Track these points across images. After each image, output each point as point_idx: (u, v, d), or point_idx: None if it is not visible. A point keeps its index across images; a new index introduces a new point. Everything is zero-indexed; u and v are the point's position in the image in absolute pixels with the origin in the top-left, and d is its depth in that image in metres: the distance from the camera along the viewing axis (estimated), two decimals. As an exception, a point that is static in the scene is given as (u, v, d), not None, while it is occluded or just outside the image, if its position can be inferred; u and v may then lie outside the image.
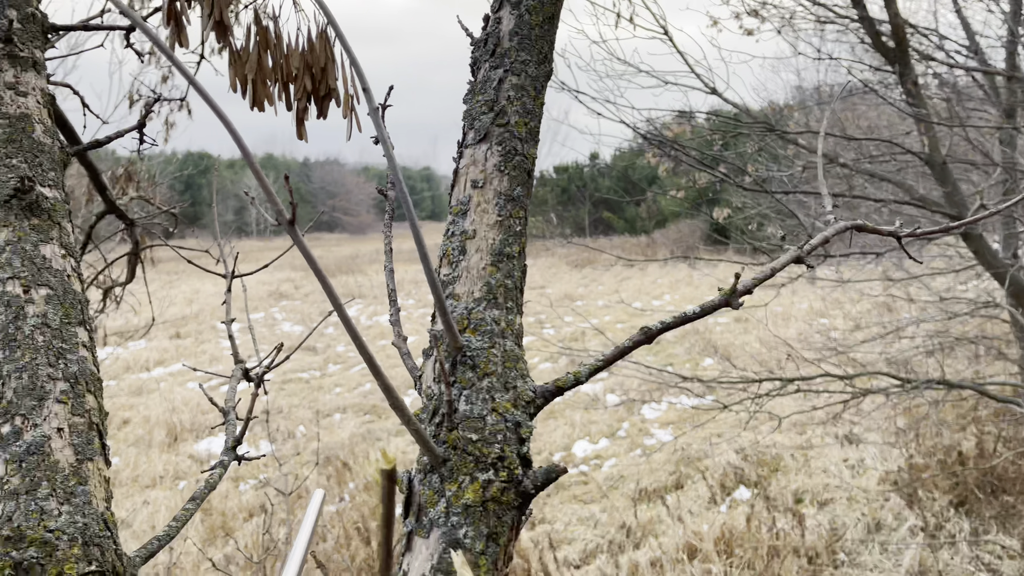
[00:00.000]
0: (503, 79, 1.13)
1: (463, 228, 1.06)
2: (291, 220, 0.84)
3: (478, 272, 1.02)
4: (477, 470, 0.89)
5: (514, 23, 1.18)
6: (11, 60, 1.38)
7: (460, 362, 0.95)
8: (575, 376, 0.98)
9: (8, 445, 1.03)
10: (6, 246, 1.18)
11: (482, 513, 0.87)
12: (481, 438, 0.90)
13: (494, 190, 1.07)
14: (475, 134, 1.11)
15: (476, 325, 0.98)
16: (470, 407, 0.93)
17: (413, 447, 10.80)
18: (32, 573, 0.95)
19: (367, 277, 27.21)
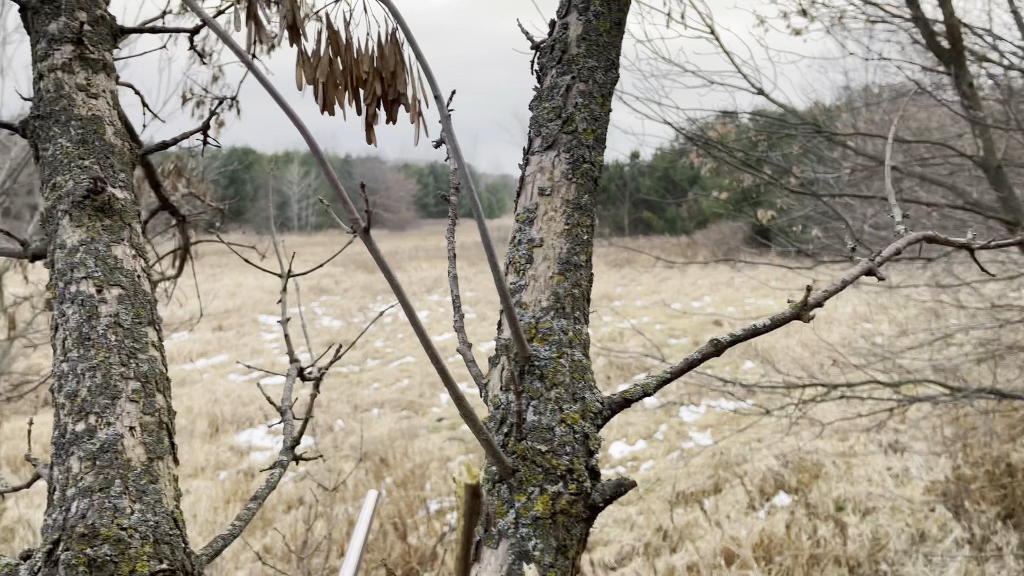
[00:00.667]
0: (571, 86, 1.12)
1: (530, 236, 1.05)
2: (366, 228, 0.85)
3: (545, 281, 1.01)
4: (546, 482, 0.88)
5: (582, 29, 1.17)
6: (82, 62, 1.41)
7: (528, 371, 0.95)
8: (643, 388, 0.97)
9: (82, 442, 1.05)
10: (80, 246, 1.21)
11: (551, 525, 0.86)
12: (550, 449, 0.90)
13: (562, 198, 1.06)
14: (542, 141, 1.11)
15: (544, 335, 0.98)
16: (538, 418, 0.92)
17: (449, 444, 10.84)
18: (105, 570, 0.97)
19: (405, 274, 27.40)
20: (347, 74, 1.11)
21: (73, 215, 1.23)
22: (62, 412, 1.09)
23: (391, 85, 1.13)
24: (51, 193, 1.27)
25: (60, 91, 1.36)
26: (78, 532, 0.98)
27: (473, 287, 24.39)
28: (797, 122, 7.94)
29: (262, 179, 45.83)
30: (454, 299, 1.11)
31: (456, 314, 1.10)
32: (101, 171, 1.29)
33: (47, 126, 1.33)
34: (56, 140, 1.31)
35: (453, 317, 1.10)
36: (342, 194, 0.86)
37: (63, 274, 1.18)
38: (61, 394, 1.10)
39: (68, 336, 1.13)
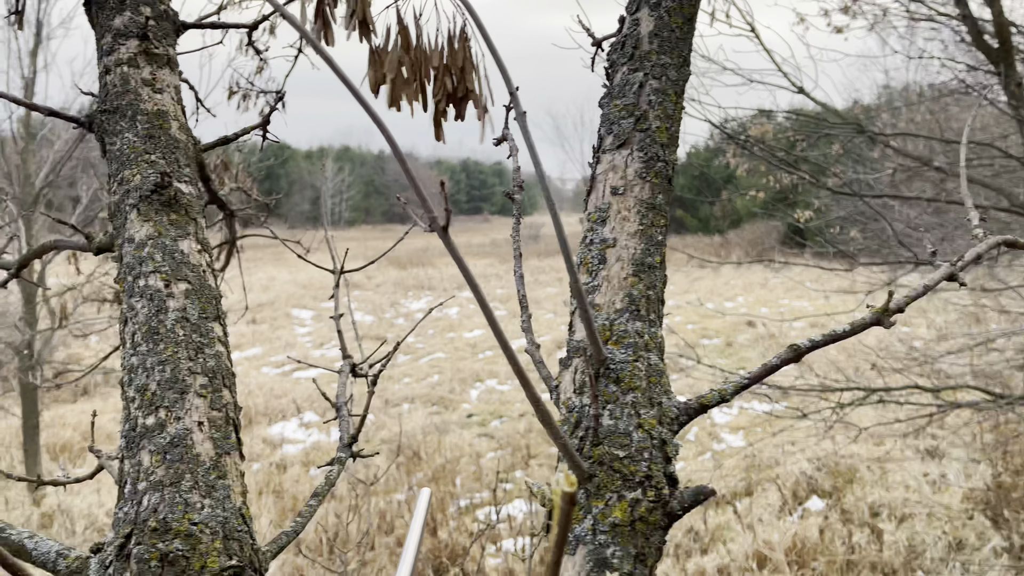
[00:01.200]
0: (643, 83, 1.10)
1: (603, 236, 1.03)
2: (444, 226, 0.84)
3: (619, 282, 0.99)
4: (624, 488, 0.86)
5: (653, 25, 1.15)
6: (147, 57, 1.42)
7: (603, 375, 0.93)
8: (719, 393, 0.95)
9: (153, 436, 1.05)
10: (147, 240, 1.21)
11: (630, 533, 0.84)
12: (628, 455, 0.88)
13: (635, 197, 1.04)
14: (614, 139, 1.09)
15: (619, 337, 0.96)
16: (615, 422, 0.90)
17: (479, 440, 10.84)
18: (177, 566, 0.97)
19: (437, 270, 27.48)
20: (416, 70, 1.10)
21: (141, 209, 1.24)
22: (132, 405, 1.09)
23: (460, 81, 1.12)
24: (119, 187, 1.28)
25: (126, 86, 1.37)
26: (150, 526, 0.99)
27: (504, 284, 24.38)
28: (838, 121, 7.82)
29: (296, 175, 46.25)
30: (521, 299, 1.10)
31: (524, 314, 1.08)
32: (167, 166, 1.30)
33: (114, 120, 1.34)
34: (123, 135, 1.32)
35: (521, 317, 1.08)
36: (420, 192, 0.85)
37: (132, 268, 1.19)
38: (131, 387, 1.10)
39: (137, 330, 1.14)
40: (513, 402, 12.75)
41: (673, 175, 1.09)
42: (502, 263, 29.46)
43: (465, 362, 14.90)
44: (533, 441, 10.77)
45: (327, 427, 11.58)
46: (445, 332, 17.49)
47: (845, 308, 12.66)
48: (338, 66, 0.88)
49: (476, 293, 0.84)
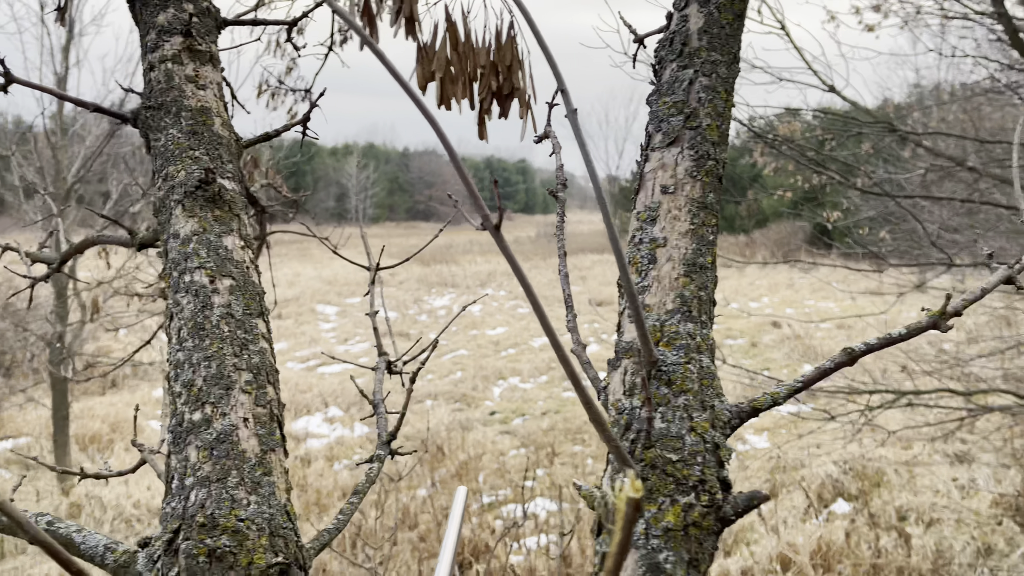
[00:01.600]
0: (693, 80, 1.09)
1: (652, 235, 1.02)
2: (497, 225, 0.83)
3: (670, 282, 0.98)
4: (678, 492, 0.85)
5: (703, 21, 1.13)
6: (191, 54, 1.42)
7: (654, 377, 0.92)
8: (772, 397, 0.93)
9: (199, 432, 1.06)
10: (192, 236, 1.21)
11: (683, 538, 0.83)
12: (681, 459, 0.87)
13: (686, 196, 1.02)
14: (664, 137, 1.07)
15: (670, 339, 0.94)
16: (667, 425, 0.89)
17: (501, 437, 10.83)
18: (225, 561, 0.97)
19: (460, 267, 27.52)
20: (464, 68, 1.09)
21: (186, 205, 1.24)
22: (179, 401, 1.09)
23: (506, 79, 1.11)
24: (163, 183, 1.28)
25: (170, 82, 1.37)
26: (198, 522, 0.99)
27: (527, 281, 24.28)
28: (868, 120, 7.73)
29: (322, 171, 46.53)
30: (566, 298, 1.09)
31: (568, 314, 1.07)
32: (211, 162, 1.30)
33: (158, 117, 1.34)
34: (167, 131, 1.33)
35: (566, 316, 1.07)
36: (473, 191, 0.84)
37: (177, 264, 1.19)
38: (178, 382, 1.10)
39: (183, 326, 1.14)
40: (535, 400, 12.75)
41: (723, 174, 1.07)
42: (525, 260, 29.41)
43: (488, 359, 14.91)
44: (555, 440, 10.75)
45: (351, 422, 11.64)
46: (468, 329, 17.51)
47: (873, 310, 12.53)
48: (392, 65, 0.87)
49: (529, 294, 0.83)
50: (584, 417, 11.66)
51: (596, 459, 9.96)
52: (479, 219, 0.76)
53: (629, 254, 1.03)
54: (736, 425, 0.92)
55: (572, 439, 10.83)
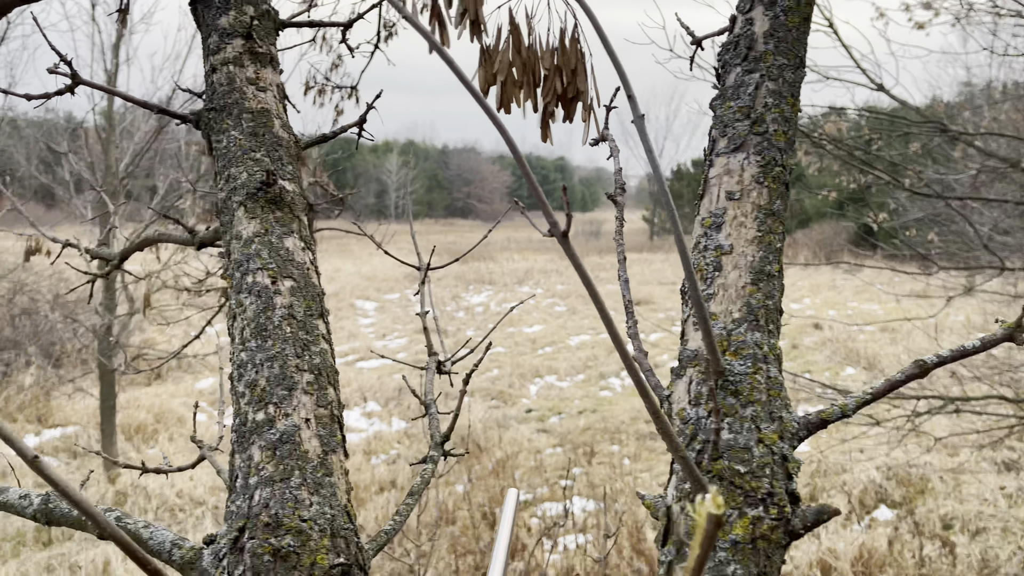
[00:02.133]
0: (759, 84, 1.07)
1: (718, 242, 1.01)
2: (565, 232, 0.82)
3: (737, 291, 0.97)
4: (746, 505, 0.84)
5: (769, 24, 1.11)
6: (252, 56, 1.44)
7: (721, 387, 0.90)
8: (841, 408, 0.92)
9: (263, 432, 1.07)
10: (254, 238, 1.23)
11: (751, 551, 0.82)
12: (749, 471, 0.85)
13: (752, 203, 1.01)
14: (729, 142, 1.06)
15: (737, 348, 0.93)
16: (734, 436, 0.88)
17: (537, 435, 10.82)
18: (289, 561, 0.98)
19: (497, 264, 27.57)
20: (527, 71, 1.09)
21: (247, 206, 1.26)
22: (242, 400, 1.11)
23: (571, 82, 1.10)
24: (225, 184, 1.30)
25: (232, 84, 1.39)
26: (262, 521, 1.00)
27: (564, 280, 24.32)
28: (918, 120, 7.57)
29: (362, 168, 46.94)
30: (626, 304, 1.08)
31: (629, 319, 1.06)
32: (271, 164, 1.32)
33: (220, 119, 1.36)
34: (229, 132, 1.34)
35: (627, 322, 1.07)
36: (540, 196, 0.84)
37: (240, 264, 1.21)
38: (241, 382, 1.12)
39: (246, 326, 1.15)
40: (572, 399, 12.72)
41: (791, 180, 1.05)
42: (562, 259, 29.33)
43: (524, 357, 14.91)
44: (593, 439, 10.72)
45: (389, 416, 11.73)
46: (505, 327, 17.54)
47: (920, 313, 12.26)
48: (459, 68, 0.87)
49: (595, 300, 0.82)
50: (621, 417, 11.61)
51: (633, 460, 9.91)
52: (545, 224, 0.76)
53: (693, 260, 1.02)
54: (804, 436, 0.91)
55: (610, 439, 10.79)
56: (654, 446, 10.44)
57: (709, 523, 0.64)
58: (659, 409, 0.82)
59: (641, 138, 0.95)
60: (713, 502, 0.64)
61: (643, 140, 0.95)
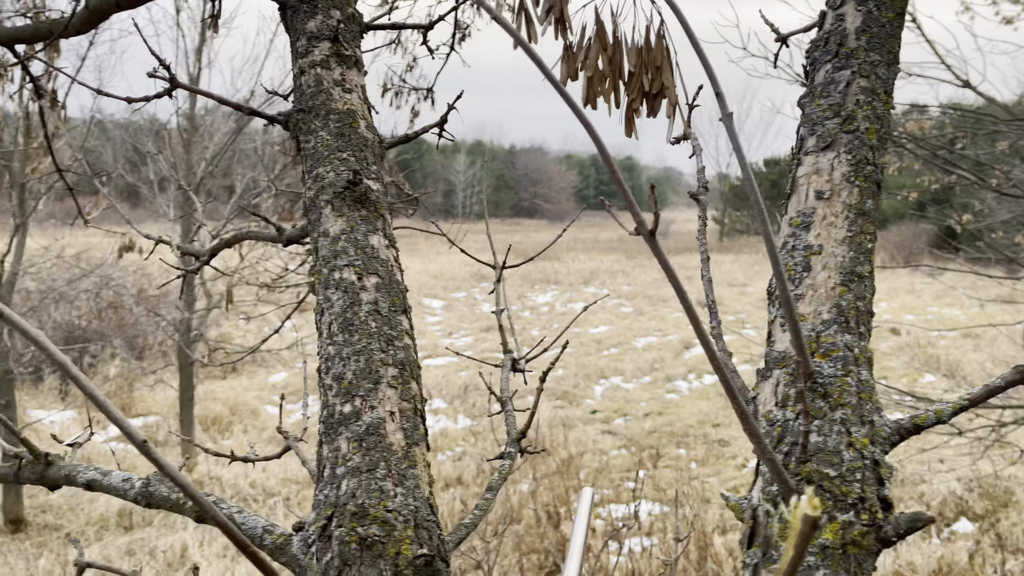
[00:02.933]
0: (850, 82, 1.05)
1: (807, 242, 0.99)
2: (652, 231, 0.82)
3: (826, 292, 0.95)
4: (836, 509, 0.83)
5: (861, 20, 1.09)
6: (338, 58, 1.48)
7: (810, 389, 0.89)
8: (936, 414, 0.89)
9: (349, 424, 1.10)
10: (341, 235, 1.27)
11: (841, 557, 0.81)
12: (839, 475, 0.84)
13: (842, 203, 0.99)
14: (818, 141, 1.04)
15: (827, 350, 0.91)
16: (823, 439, 0.86)
17: (602, 437, 10.76)
18: (374, 550, 1.01)
19: (563, 264, 27.52)
20: (613, 68, 1.10)
21: (335, 205, 1.29)
22: (329, 393, 1.14)
23: (655, 79, 1.10)
24: (313, 183, 1.34)
25: (319, 86, 1.43)
26: (349, 510, 1.03)
27: (630, 281, 24.13)
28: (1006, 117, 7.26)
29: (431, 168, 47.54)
30: (710, 304, 1.07)
31: (713, 320, 1.05)
32: (357, 163, 1.35)
33: (308, 119, 1.41)
34: (317, 133, 1.39)
35: (711, 323, 1.06)
36: (628, 197, 0.84)
37: (327, 261, 1.24)
38: (328, 375, 1.15)
39: (333, 320, 1.19)
40: (638, 401, 12.62)
41: (883, 180, 1.03)
42: (629, 259, 29.12)
43: (590, 358, 14.86)
44: (659, 442, 10.61)
45: (455, 413, 11.84)
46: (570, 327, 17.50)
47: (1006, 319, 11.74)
48: (547, 67, 0.88)
49: (682, 298, 0.82)
50: (688, 421, 11.45)
51: (700, 464, 9.77)
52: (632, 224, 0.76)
53: (781, 261, 1.00)
54: (896, 442, 0.89)
55: (676, 442, 10.66)
56: (722, 451, 10.28)
57: (805, 525, 0.63)
58: (747, 410, 0.82)
59: (730, 136, 0.94)
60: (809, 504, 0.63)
61: (732, 138, 0.94)
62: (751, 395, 0.97)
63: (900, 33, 1.11)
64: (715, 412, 11.79)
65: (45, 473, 1.18)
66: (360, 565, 0.99)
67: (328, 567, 1.01)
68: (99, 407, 0.67)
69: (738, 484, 8.98)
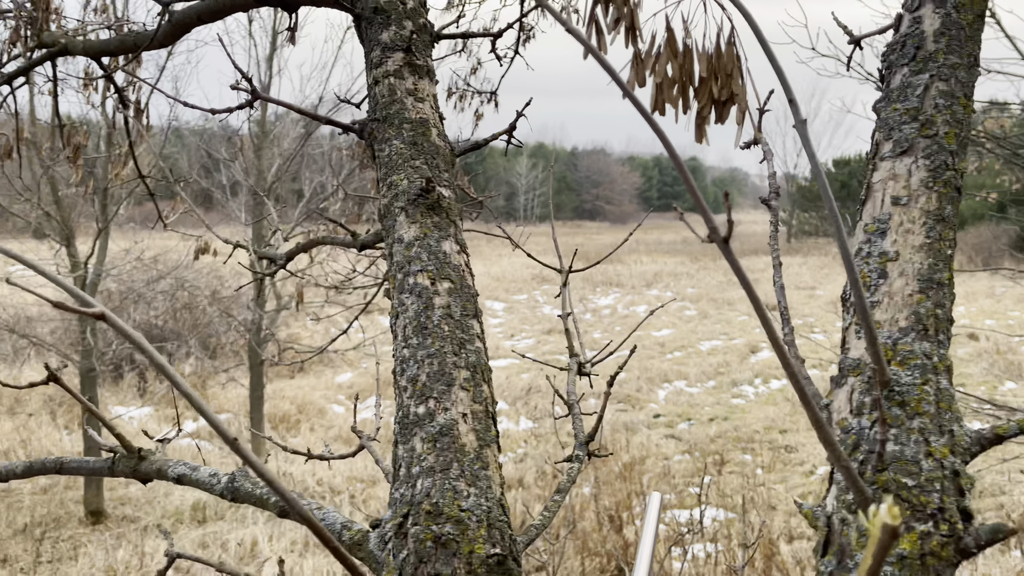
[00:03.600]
0: (928, 86, 1.03)
1: (882, 249, 0.98)
2: (726, 238, 0.83)
3: (903, 299, 0.94)
4: (914, 519, 0.82)
5: (940, 23, 1.07)
6: (411, 68, 1.52)
7: (887, 397, 0.88)
8: (1019, 424, 0.87)
9: (424, 424, 1.13)
10: (415, 241, 1.30)
11: (919, 567, 0.80)
12: (917, 484, 0.83)
13: (920, 209, 0.98)
14: (895, 146, 1.03)
15: (904, 358, 0.90)
16: (900, 448, 0.86)
17: (665, 441, 10.64)
18: (449, 548, 1.04)
19: (625, 266, 27.34)
20: (682, 75, 1.10)
21: (408, 212, 1.33)
22: (404, 394, 1.18)
23: (725, 86, 1.10)
24: (388, 191, 1.38)
25: (393, 96, 1.47)
26: (424, 509, 1.06)
27: (695, 283, 23.82)
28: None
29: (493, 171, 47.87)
30: (782, 311, 1.07)
31: (785, 327, 1.05)
32: (429, 171, 1.39)
33: (383, 129, 1.45)
34: (391, 142, 1.43)
35: (783, 330, 1.05)
36: (702, 203, 0.84)
37: (401, 267, 1.28)
38: (403, 377, 1.19)
39: (408, 324, 1.22)
40: (702, 405, 12.45)
41: (961, 185, 1.01)
42: (693, 262, 28.75)
43: (653, 361, 14.73)
44: (724, 447, 10.45)
45: (517, 416, 11.88)
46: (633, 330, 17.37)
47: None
48: (619, 77, 0.90)
49: (755, 304, 0.82)
50: (754, 427, 11.25)
51: (767, 471, 9.59)
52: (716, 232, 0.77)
53: (856, 267, 0.99)
54: (976, 452, 0.87)
55: (741, 448, 10.48)
56: (789, 458, 10.07)
57: (884, 534, 0.63)
58: (821, 418, 0.82)
59: (804, 146, 0.94)
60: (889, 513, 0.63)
61: (806, 147, 0.94)
62: (824, 402, 0.96)
63: (980, 36, 1.09)
64: (782, 418, 11.56)
65: (138, 467, 1.24)
66: (435, 562, 1.02)
67: (404, 564, 1.04)
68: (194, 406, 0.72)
69: (806, 491, 8.78)
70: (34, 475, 1.30)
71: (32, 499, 8.67)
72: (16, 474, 1.31)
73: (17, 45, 3.20)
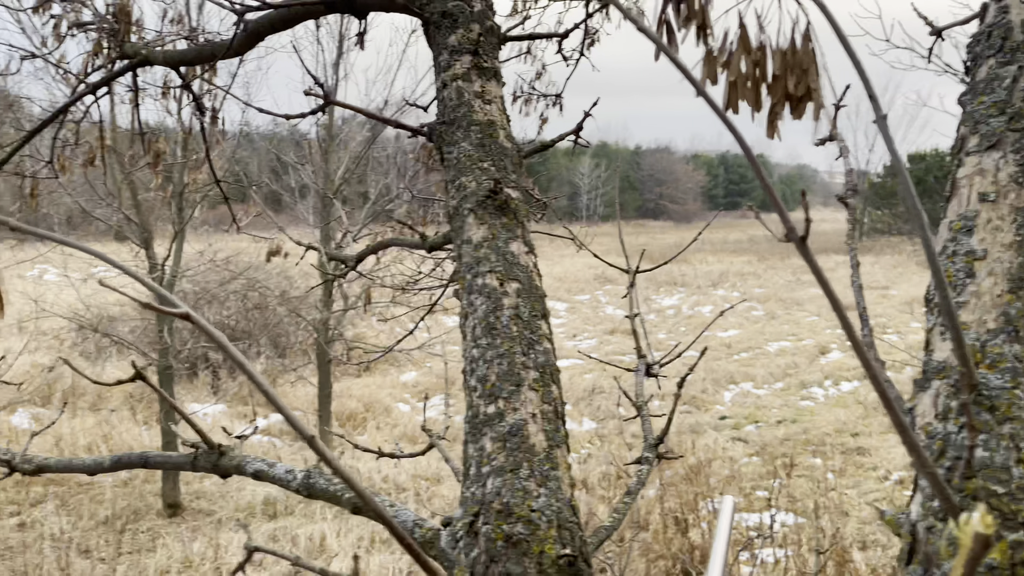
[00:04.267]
0: (1017, 77, 0.99)
1: (969, 247, 0.94)
2: (803, 237, 0.81)
3: (992, 299, 0.90)
4: (1004, 528, 0.78)
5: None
6: (479, 71, 1.53)
7: (975, 402, 0.85)
8: (1119, 431, 0.83)
9: (493, 424, 1.14)
10: (483, 242, 1.31)
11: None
12: (1007, 492, 0.80)
13: (1009, 205, 0.94)
14: (981, 140, 0.99)
15: (993, 361, 0.87)
16: (989, 455, 0.82)
17: (732, 444, 10.43)
18: (519, 548, 1.04)
19: (690, 266, 26.96)
20: (756, 72, 1.09)
21: (477, 213, 1.34)
22: (474, 394, 1.19)
23: (800, 82, 1.08)
24: (456, 193, 1.39)
25: (461, 98, 1.49)
26: (495, 508, 1.07)
27: (762, 283, 23.34)
28: None
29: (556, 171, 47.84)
30: (861, 312, 1.04)
31: (864, 328, 1.02)
32: (497, 172, 1.39)
33: (451, 131, 1.46)
34: (459, 144, 1.44)
35: (862, 331, 1.02)
36: (777, 202, 0.83)
37: (470, 267, 1.29)
38: (473, 377, 1.20)
39: (477, 324, 1.23)
40: (769, 407, 12.19)
41: (1055, 180, 0.96)
42: (760, 261, 28.17)
43: (719, 362, 14.49)
44: (792, 450, 10.21)
45: (579, 416, 11.84)
46: (698, 330, 17.11)
47: None
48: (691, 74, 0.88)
49: (834, 304, 0.80)
50: (824, 429, 10.96)
51: (838, 475, 9.33)
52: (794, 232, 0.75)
53: (941, 267, 0.96)
54: (1072, 460, 0.83)
55: (811, 451, 10.22)
56: (861, 461, 9.78)
57: (976, 543, 0.61)
58: (906, 425, 0.79)
59: (885, 140, 0.91)
60: (982, 522, 0.61)
61: (887, 141, 0.91)
62: (907, 406, 0.93)
63: (1074, 22, 1.04)
64: (853, 421, 11.23)
65: (218, 463, 1.29)
66: (506, 562, 1.03)
67: (475, 562, 1.05)
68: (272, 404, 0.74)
69: (879, 497, 8.51)
70: (120, 469, 1.36)
71: (113, 492, 9.04)
72: (104, 468, 1.37)
73: (99, 56, 3.33)
